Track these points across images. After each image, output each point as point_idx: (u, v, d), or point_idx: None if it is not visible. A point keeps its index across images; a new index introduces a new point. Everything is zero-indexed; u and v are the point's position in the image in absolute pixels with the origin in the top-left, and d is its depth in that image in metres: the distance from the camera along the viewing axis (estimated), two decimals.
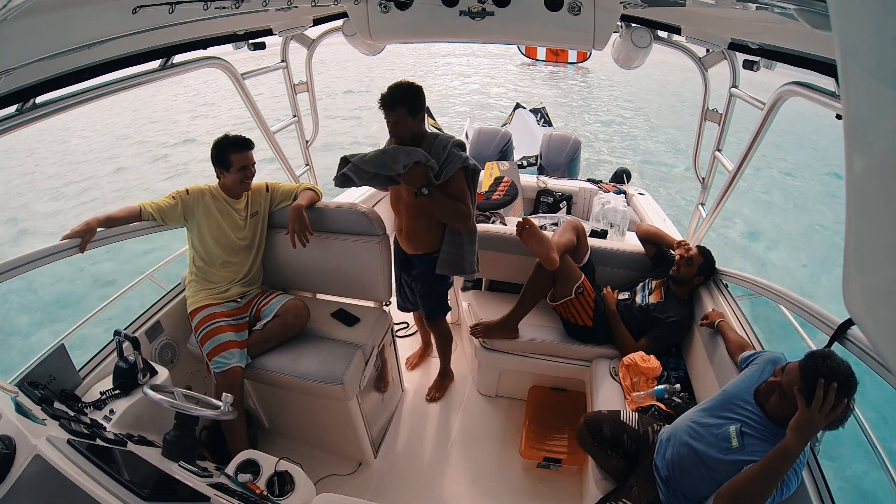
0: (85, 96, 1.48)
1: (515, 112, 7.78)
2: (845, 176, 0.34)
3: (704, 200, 2.50)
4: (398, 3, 1.94)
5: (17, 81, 1.21)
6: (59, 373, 1.60)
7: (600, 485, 1.77)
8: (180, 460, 1.35)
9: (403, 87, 1.90)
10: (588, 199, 3.82)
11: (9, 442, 0.98)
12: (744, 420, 1.43)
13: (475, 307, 2.56)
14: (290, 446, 2.32)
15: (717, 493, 1.33)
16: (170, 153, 10.85)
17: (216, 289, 2.08)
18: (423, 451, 2.37)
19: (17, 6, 0.80)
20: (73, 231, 1.71)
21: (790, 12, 0.90)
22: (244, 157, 2.00)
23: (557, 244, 2.19)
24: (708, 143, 2.33)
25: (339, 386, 1.88)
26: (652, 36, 2.03)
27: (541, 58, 19.83)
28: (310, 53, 2.62)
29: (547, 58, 19.58)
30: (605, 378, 2.16)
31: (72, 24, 1.09)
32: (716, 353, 1.93)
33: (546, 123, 7.84)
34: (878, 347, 0.34)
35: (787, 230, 7.60)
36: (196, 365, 2.30)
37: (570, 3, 1.82)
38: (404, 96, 1.89)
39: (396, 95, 1.88)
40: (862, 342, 1.36)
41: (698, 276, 2.25)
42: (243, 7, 1.42)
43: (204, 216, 2.02)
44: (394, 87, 1.91)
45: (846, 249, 0.36)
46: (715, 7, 1.35)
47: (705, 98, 2.25)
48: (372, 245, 2.14)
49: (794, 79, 1.57)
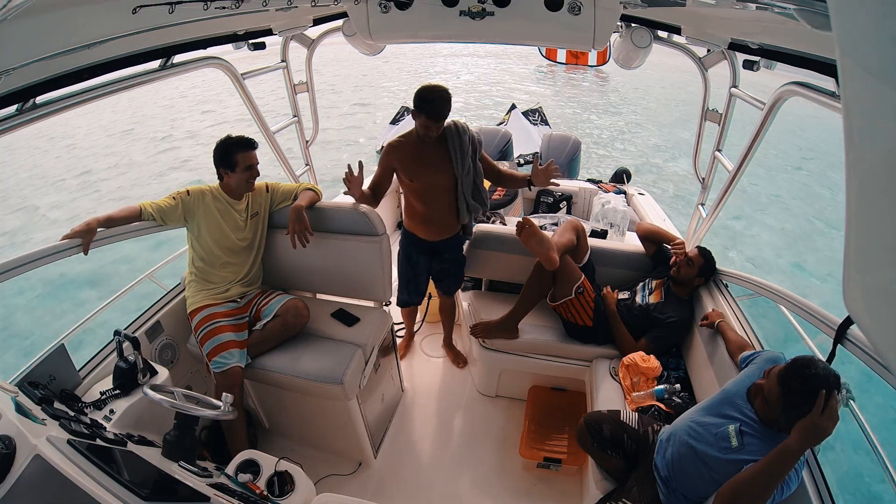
0: (85, 96, 1.48)
1: (511, 112, 7.97)
2: (845, 176, 0.34)
3: (704, 200, 2.50)
4: (398, 3, 1.94)
5: (17, 81, 1.21)
6: (59, 373, 1.60)
7: (600, 485, 1.77)
8: (180, 460, 1.35)
9: (445, 98, 1.99)
10: (588, 199, 3.82)
11: (9, 442, 0.98)
12: (743, 420, 1.43)
13: (475, 307, 2.56)
14: (290, 446, 2.32)
15: (717, 492, 1.33)
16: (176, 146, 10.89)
17: (216, 289, 2.08)
18: (423, 451, 2.37)
19: (17, 6, 0.80)
20: (74, 231, 1.71)
21: (790, 12, 0.90)
22: (249, 157, 2.00)
23: (557, 244, 2.19)
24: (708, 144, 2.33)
25: (339, 386, 1.88)
26: (652, 36, 2.03)
27: (561, 60, 19.85)
28: (310, 53, 2.62)
29: (567, 60, 19.59)
30: (605, 378, 2.16)
31: (72, 24, 1.09)
32: (716, 353, 1.93)
33: (543, 123, 8.04)
34: (878, 347, 0.34)
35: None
36: (196, 365, 2.30)
37: (570, 3, 1.82)
38: (446, 106, 1.99)
39: (445, 107, 1.99)
40: (862, 342, 1.36)
41: (698, 278, 2.25)
42: (243, 7, 1.42)
43: (204, 217, 2.02)
44: (437, 97, 1.97)
45: (846, 249, 0.36)
46: (715, 7, 1.35)
47: (705, 98, 2.25)
48: (372, 245, 2.14)
49: (794, 79, 1.57)
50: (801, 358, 1.33)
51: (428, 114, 1.98)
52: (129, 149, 11.04)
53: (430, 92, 1.97)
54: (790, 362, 1.34)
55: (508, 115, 7.98)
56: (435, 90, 1.98)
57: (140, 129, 12.64)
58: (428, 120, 1.99)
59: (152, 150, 10.86)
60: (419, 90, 2.00)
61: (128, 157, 10.44)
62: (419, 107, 1.99)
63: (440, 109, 1.97)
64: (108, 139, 11.90)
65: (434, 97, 1.97)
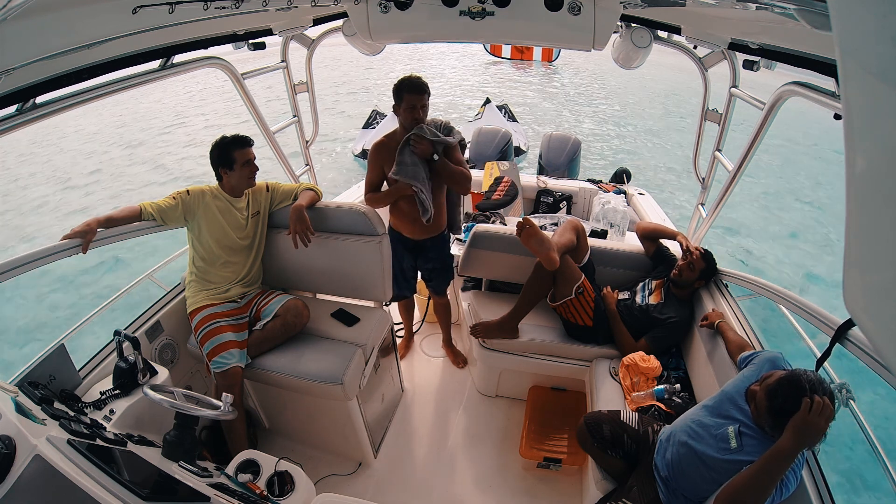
0: (85, 96, 1.49)
1: (486, 106, 8.40)
2: (845, 176, 0.34)
3: (704, 200, 2.50)
4: (398, 3, 1.94)
5: (17, 81, 1.21)
6: (59, 373, 1.60)
7: (600, 485, 1.77)
8: (180, 460, 1.35)
9: (416, 77, 2.13)
10: (588, 199, 3.82)
11: (9, 442, 0.98)
12: (742, 420, 1.43)
13: (475, 307, 2.56)
14: (290, 446, 2.32)
15: (716, 493, 1.33)
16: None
17: (216, 289, 2.08)
18: (423, 451, 2.37)
19: (17, 6, 0.80)
20: (74, 231, 1.71)
21: (790, 12, 0.90)
22: (247, 153, 2.01)
23: (557, 244, 2.19)
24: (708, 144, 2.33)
25: (339, 386, 1.88)
26: (652, 36, 2.03)
27: (506, 56, 20.42)
28: (310, 53, 2.62)
29: (512, 55, 20.20)
30: (605, 378, 2.16)
31: (72, 24, 1.09)
32: (716, 353, 1.93)
33: (510, 119, 8.45)
34: (878, 347, 0.34)
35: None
36: (196, 365, 2.30)
37: (570, 3, 1.82)
38: (420, 80, 2.13)
39: (423, 82, 2.13)
40: (862, 342, 1.36)
41: (699, 280, 2.25)
42: (243, 7, 1.42)
43: (205, 216, 2.02)
44: (414, 77, 2.13)
45: (846, 249, 0.36)
46: (715, 7, 1.35)
47: (705, 98, 2.25)
48: (372, 245, 2.14)
49: (794, 79, 1.57)
50: (790, 376, 1.33)
51: (408, 89, 2.11)
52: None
53: (401, 80, 2.14)
54: (780, 379, 1.34)
55: (484, 108, 8.32)
56: (404, 77, 2.13)
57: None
58: (411, 95, 2.11)
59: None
60: (394, 86, 2.15)
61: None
62: (398, 94, 2.14)
63: (417, 81, 2.12)
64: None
65: (406, 78, 2.12)
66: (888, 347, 0.33)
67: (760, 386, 1.39)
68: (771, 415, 1.33)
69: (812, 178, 9.85)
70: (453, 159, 2.26)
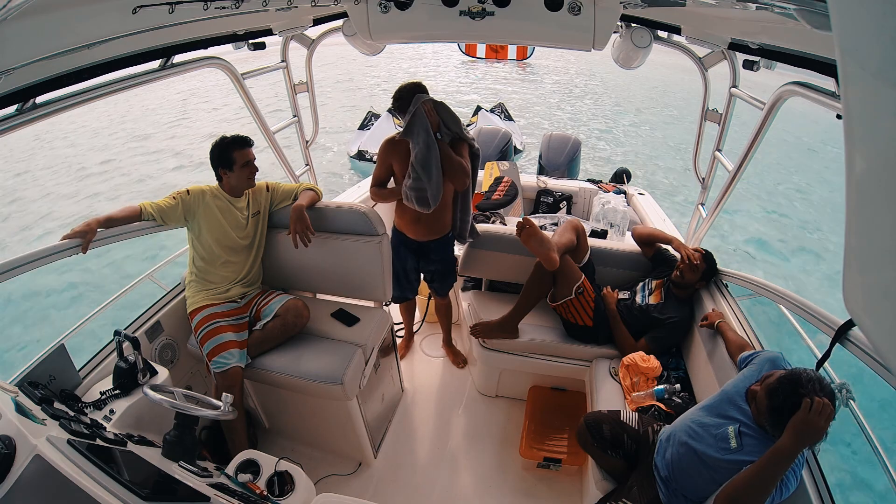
0: (85, 96, 1.48)
1: (479, 114, 8.42)
2: (845, 176, 0.34)
3: (704, 200, 2.50)
4: (398, 3, 1.94)
5: (17, 81, 1.21)
6: (59, 373, 1.60)
7: (600, 485, 1.77)
8: (180, 460, 1.35)
9: (416, 82, 2.20)
10: (588, 199, 3.82)
11: (9, 442, 0.98)
12: (742, 420, 1.43)
13: (475, 307, 2.56)
14: (290, 446, 2.32)
15: (716, 493, 1.33)
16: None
17: (216, 289, 2.08)
18: (423, 451, 2.37)
19: (17, 6, 0.80)
20: (74, 231, 1.71)
21: (790, 12, 0.90)
22: (246, 154, 2.02)
23: (557, 244, 2.19)
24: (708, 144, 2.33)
25: (339, 386, 1.88)
26: (652, 36, 2.03)
27: (480, 55, 20.43)
28: (310, 53, 2.62)
29: (487, 55, 20.22)
30: (605, 378, 2.16)
31: (72, 24, 1.09)
32: (716, 353, 1.93)
33: (507, 118, 8.46)
34: (878, 347, 0.34)
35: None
36: (196, 365, 2.30)
37: (570, 3, 1.82)
38: (419, 84, 2.20)
39: (420, 84, 2.20)
40: (862, 343, 1.36)
41: (700, 282, 2.24)
42: (243, 7, 1.42)
43: (205, 216, 2.02)
44: (409, 83, 2.20)
45: (846, 249, 0.36)
46: (715, 7, 1.35)
47: (705, 98, 2.25)
48: (372, 245, 2.14)
49: (794, 79, 1.57)
50: (791, 375, 1.33)
51: (419, 89, 2.16)
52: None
53: (405, 84, 2.19)
54: (780, 379, 1.34)
55: (475, 117, 8.31)
56: (404, 84, 2.19)
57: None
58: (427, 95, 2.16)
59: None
60: (397, 91, 2.17)
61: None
62: (407, 97, 2.14)
63: (421, 85, 2.18)
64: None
65: (408, 84, 2.18)
66: (888, 347, 0.33)
67: (761, 386, 1.39)
68: (771, 414, 1.32)
69: (812, 178, 9.86)
70: (457, 153, 2.26)
